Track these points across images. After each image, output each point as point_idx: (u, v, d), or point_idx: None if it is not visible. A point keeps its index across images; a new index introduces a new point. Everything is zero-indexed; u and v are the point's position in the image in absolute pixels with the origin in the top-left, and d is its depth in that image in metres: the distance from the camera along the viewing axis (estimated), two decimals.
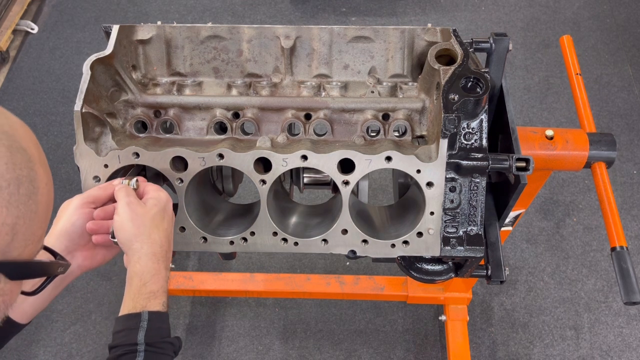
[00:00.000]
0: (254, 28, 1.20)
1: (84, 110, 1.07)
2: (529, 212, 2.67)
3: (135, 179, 1.05)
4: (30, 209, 0.66)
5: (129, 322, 0.93)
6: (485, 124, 1.10)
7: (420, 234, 1.12)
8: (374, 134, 1.20)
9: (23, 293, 0.76)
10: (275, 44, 1.21)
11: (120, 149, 1.10)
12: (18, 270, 0.68)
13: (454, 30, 1.16)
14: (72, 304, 2.46)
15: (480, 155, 1.09)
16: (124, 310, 0.95)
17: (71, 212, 1.00)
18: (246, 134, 1.21)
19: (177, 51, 1.23)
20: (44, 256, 0.78)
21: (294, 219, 1.26)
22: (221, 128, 1.22)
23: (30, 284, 0.77)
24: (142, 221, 0.98)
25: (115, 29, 1.17)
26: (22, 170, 0.65)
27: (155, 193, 1.03)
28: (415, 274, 1.25)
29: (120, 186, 1.02)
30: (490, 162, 1.09)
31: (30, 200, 0.65)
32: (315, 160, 1.09)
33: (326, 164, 1.09)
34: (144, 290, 0.95)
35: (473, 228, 1.13)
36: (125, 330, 0.92)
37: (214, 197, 1.30)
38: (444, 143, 1.06)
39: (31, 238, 0.67)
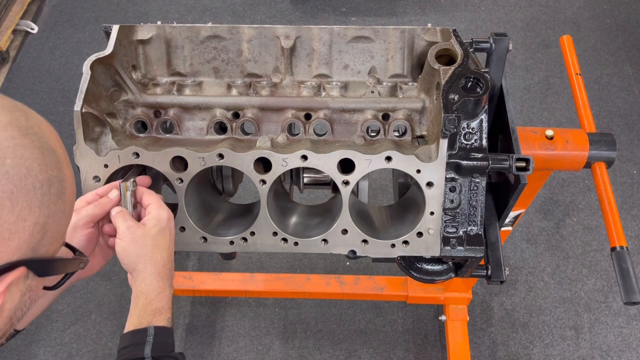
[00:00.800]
0: (254, 28, 1.20)
1: (84, 110, 1.07)
2: (529, 212, 2.67)
3: (132, 180, 1.04)
4: (59, 208, 0.68)
5: (135, 337, 0.94)
6: (485, 124, 1.10)
7: (420, 234, 1.12)
8: (374, 134, 1.20)
9: (44, 288, 0.79)
10: (275, 44, 1.21)
11: (120, 149, 1.10)
12: (45, 267, 0.70)
13: (454, 30, 1.16)
14: (72, 304, 2.46)
15: (480, 155, 1.09)
16: (130, 326, 0.95)
17: (70, 234, 0.99)
18: (246, 134, 1.21)
19: (177, 51, 1.23)
20: (63, 251, 0.80)
21: (294, 219, 1.26)
22: (221, 128, 1.22)
23: (50, 279, 0.78)
24: (143, 242, 0.99)
25: (115, 29, 1.17)
26: (53, 171, 0.67)
27: (156, 212, 1.03)
28: (415, 274, 1.25)
29: (117, 212, 1.02)
30: (490, 162, 1.09)
31: (59, 200, 0.68)
32: (315, 160, 1.09)
33: (326, 164, 1.09)
34: (149, 307, 0.96)
35: (473, 228, 1.13)
36: (131, 345, 0.93)
37: (214, 197, 1.30)
38: (444, 143, 1.06)
39: (57, 235, 0.70)
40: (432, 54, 1.13)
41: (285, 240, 1.16)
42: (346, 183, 1.10)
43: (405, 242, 1.14)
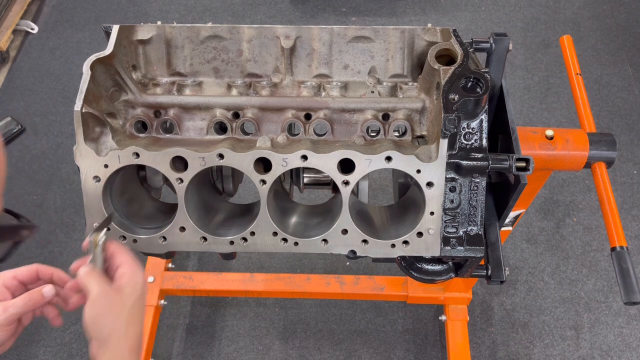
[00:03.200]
0: (254, 28, 1.20)
1: (84, 110, 1.07)
2: (529, 212, 2.67)
3: (102, 234, 0.97)
4: None
5: None
6: (485, 124, 1.10)
7: (420, 234, 1.12)
8: (374, 134, 1.20)
9: None
10: (275, 44, 1.21)
11: (120, 149, 1.10)
12: None
13: (454, 30, 1.16)
14: None
15: (480, 155, 1.09)
16: None
17: None
18: (246, 134, 1.21)
19: (177, 51, 1.23)
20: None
21: (294, 219, 1.26)
22: (221, 128, 1.22)
23: None
24: (119, 313, 0.89)
25: (115, 29, 1.17)
26: None
27: (131, 275, 0.93)
28: (415, 274, 1.25)
29: (88, 272, 0.91)
30: (490, 162, 1.09)
31: None
32: (315, 160, 1.09)
33: (326, 164, 1.09)
34: None
35: (473, 228, 1.13)
36: None
37: (214, 197, 1.30)
38: (444, 143, 1.06)
39: None
40: (432, 54, 1.13)
41: (285, 240, 1.16)
42: (346, 183, 1.10)
43: (405, 242, 1.14)
